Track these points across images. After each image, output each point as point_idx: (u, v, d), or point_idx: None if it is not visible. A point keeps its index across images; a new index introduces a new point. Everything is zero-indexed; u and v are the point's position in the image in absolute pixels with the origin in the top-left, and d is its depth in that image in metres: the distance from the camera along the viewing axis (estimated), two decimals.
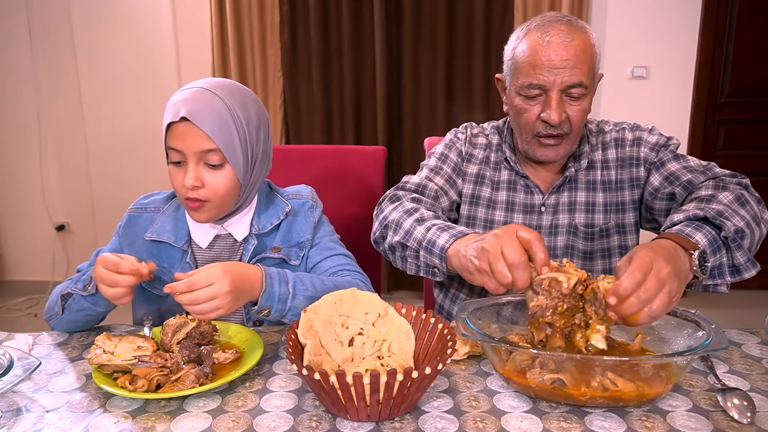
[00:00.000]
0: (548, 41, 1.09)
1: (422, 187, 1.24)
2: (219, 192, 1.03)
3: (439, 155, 1.32)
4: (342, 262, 1.14)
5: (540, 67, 1.09)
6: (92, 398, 0.83)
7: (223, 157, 1.01)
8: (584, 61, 1.10)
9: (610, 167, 1.24)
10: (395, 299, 0.98)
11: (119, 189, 3.34)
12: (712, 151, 3.19)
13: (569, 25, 1.11)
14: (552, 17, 1.13)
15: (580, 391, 0.76)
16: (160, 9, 3.18)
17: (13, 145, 3.40)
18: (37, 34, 3.25)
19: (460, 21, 3.06)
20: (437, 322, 0.86)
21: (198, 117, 0.98)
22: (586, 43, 1.11)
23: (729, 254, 0.97)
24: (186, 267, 1.11)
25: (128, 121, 3.31)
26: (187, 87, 1.03)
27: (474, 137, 1.33)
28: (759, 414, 0.76)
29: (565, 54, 1.08)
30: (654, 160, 1.21)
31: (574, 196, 1.24)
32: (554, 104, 1.11)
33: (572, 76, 1.09)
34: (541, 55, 1.09)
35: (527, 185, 1.26)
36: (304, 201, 1.17)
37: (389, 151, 2.02)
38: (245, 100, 1.05)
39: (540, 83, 1.10)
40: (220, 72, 3.14)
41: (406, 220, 1.12)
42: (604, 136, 1.27)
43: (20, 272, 3.57)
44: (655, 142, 1.22)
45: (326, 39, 3.13)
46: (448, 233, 1.03)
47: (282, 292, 0.96)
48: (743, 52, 3.08)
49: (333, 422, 0.76)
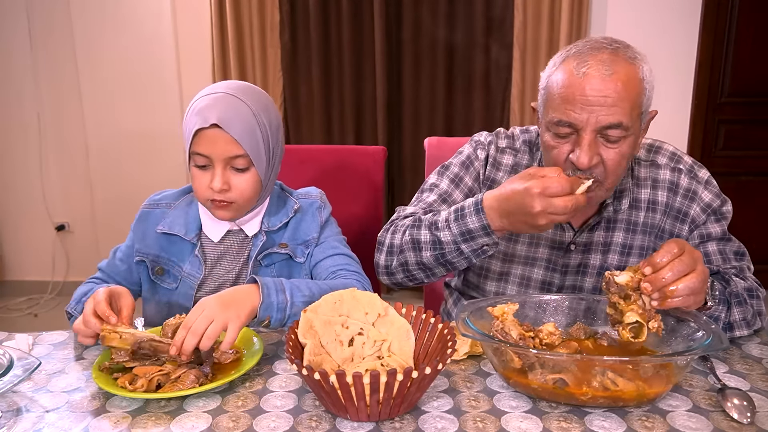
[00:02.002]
0: (584, 73, 0.94)
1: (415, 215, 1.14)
2: (245, 194, 1.07)
3: (453, 177, 1.18)
4: (342, 262, 1.15)
5: (572, 103, 0.95)
6: (92, 398, 0.83)
7: (250, 161, 1.05)
8: (627, 99, 0.94)
9: (657, 211, 1.12)
10: (395, 299, 0.98)
11: (119, 189, 3.34)
12: (712, 151, 3.18)
13: (614, 54, 0.95)
14: (595, 43, 0.98)
15: (582, 390, 0.76)
16: (160, 9, 3.17)
17: (13, 145, 3.40)
18: (37, 34, 3.25)
19: (460, 21, 3.05)
20: (437, 322, 0.87)
21: (228, 123, 1.01)
22: (631, 76, 0.95)
23: (728, 312, 0.99)
24: (194, 261, 1.14)
25: (128, 121, 3.31)
26: (211, 92, 1.05)
27: (500, 154, 1.18)
28: (759, 414, 0.76)
29: (603, 89, 0.93)
30: (701, 225, 1.10)
31: (610, 236, 1.13)
32: (585, 146, 0.96)
33: (609, 116, 0.94)
34: (575, 89, 0.95)
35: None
36: (312, 201, 1.20)
37: (389, 151, 2.02)
38: (267, 104, 1.08)
39: (571, 121, 0.96)
40: (220, 72, 3.13)
41: (421, 233, 1.04)
42: (657, 172, 1.12)
43: (20, 272, 3.56)
44: (708, 203, 1.10)
45: (326, 39, 3.13)
46: (470, 210, 0.98)
47: (280, 301, 0.97)
48: (743, 52, 3.08)
49: (333, 422, 0.76)
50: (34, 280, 3.52)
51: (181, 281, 1.14)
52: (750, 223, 1.14)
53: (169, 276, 1.15)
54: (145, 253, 1.16)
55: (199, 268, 1.14)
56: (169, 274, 1.15)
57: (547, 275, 1.17)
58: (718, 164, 3.20)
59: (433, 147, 1.52)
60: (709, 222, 1.11)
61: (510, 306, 0.88)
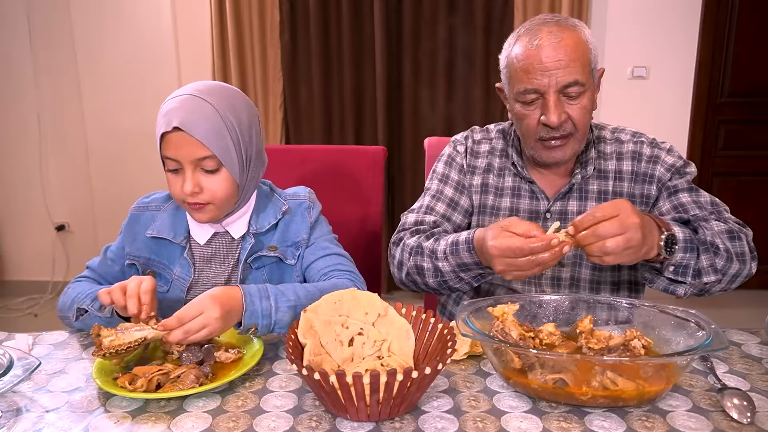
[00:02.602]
0: (537, 44, 1.08)
1: (419, 223, 1.24)
2: (218, 195, 1.05)
3: (440, 177, 1.30)
4: (334, 261, 1.14)
5: (533, 72, 1.08)
6: (92, 398, 0.83)
7: (219, 162, 1.03)
8: (577, 59, 1.08)
9: (624, 179, 1.22)
10: (395, 299, 0.98)
11: (119, 189, 3.34)
12: (712, 151, 3.18)
13: (558, 25, 1.10)
14: (540, 20, 1.12)
15: (582, 390, 0.76)
16: (160, 9, 3.18)
17: (13, 145, 3.40)
18: (37, 34, 3.25)
19: (460, 21, 3.06)
20: (437, 322, 0.87)
21: (190, 125, 0.99)
22: (577, 40, 1.09)
23: (697, 259, 1.03)
24: (184, 263, 1.13)
25: (128, 121, 3.31)
26: (176, 95, 1.04)
27: (476, 145, 1.31)
28: (759, 414, 0.76)
29: (556, 54, 1.07)
30: (667, 182, 1.19)
31: (583, 205, 1.22)
32: (552, 106, 1.09)
33: (566, 76, 1.07)
34: (532, 59, 1.08)
35: (532, 191, 1.24)
36: (301, 201, 1.18)
37: (389, 151, 2.02)
38: (234, 102, 1.06)
39: (535, 87, 1.09)
40: (220, 72, 3.14)
41: (423, 261, 1.14)
42: (621, 145, 1.24)
43: (20, 272, 3.57)
44: (672, 164, 1.19)
45: (326, 39, 3.13)
46: (463, 242, 1.08)
47: (264, 308, 0.95)
48: (743, 52, 3.08)
49: (333, 422, 0.76)
50: (34, 280, 3.52)
51: (172, 284, 1.14)
52: (750, 223, 1.14)
53: (161, 279, 1.14)
54: (135, 257, 1.16)
55: (189, 271, 1.13)
56: (161, 276, 1.14)
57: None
58: (718, 164, 3.21)
59: (433, 147, 1.52)
60: (674, 178, 1.19)
61: (510, 306, 0.88)
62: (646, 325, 0.90)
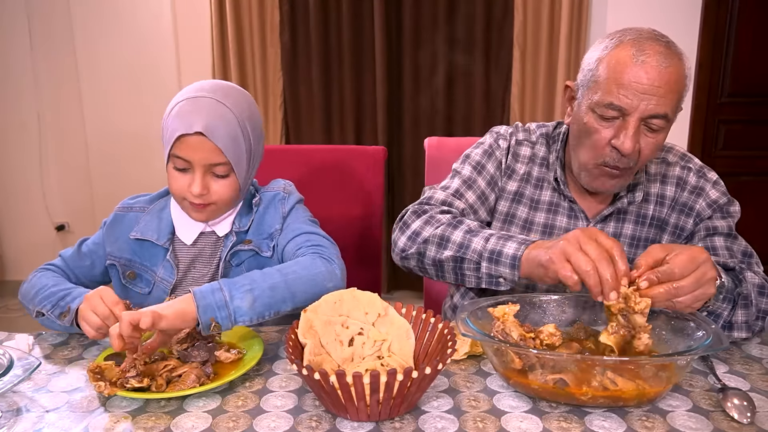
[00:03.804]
0: (643, 61, 0.96)
1: (448, 204, 1.15)
2: (224, 198, 1.07)
3: (475, 164, 1.19)
4: (303, 240, 1.08)
5: (626, 88, 0.96)
6: (92, 398, 0.83)
7: (231, 168, 1.05)
8: (675, 92, 0.97)
9: (665, 205, 1.15)
10: (395, 299, 0.98)
11: (119, 189, 3.32)
12: (712, 151, 3.18)
13: (668, 48, 0.98)
14: (650, 34, 0.99)
15: (582, 390, 0.76)
16: (160, 9, 3.17)
17: (13, 145, 3.40)
18: (37, 34, 3.25)
19: (460, 21, 3.05)
20: (437, 322, 0.87)
21: (213, 132, 1.00)
22: (681, 73, 0.98)
23: (732, 311, 0.98)
24: (167, 265, 1.13)
25: (128, 121, 3.31)
26: (193, 95, 1.03)
27: (518, 146, 1.21)
28: (759, 414, 0.76)
29: (658, 79, 0.95)
30: (706, 220, 1.12)
31: (621, 227, 1.15)
32: (631, 132, 0.98)
33: (658, 106, 0.96)
34: (631, 75, 0.96)
35: (571, 209, 1.16)
36: (275, 193, 1.17)
37: (389, 151, 2.02)
38: (250, 108, 1.07)
39: (622, 105, 0.97)
40: (220, 72, 3.13)
41: (453, 233, 1.04)
42: (668, 168, 1.16)
43: (20, 272, 3.56)
44: (715, 200, 1.12)
45: (326, 39, 3.13)
46: (514, 241, 0.98)
47: (218, 299, 0.90)
48: (743, 52, 3.07)
49: (333, 422, 0.76)
50: None
51: (155, 286, 1.13)
52: (750, 223, 1.14)
53: (142, 280, 1.14)
54: (116, 257, 1.15)
55: (172, 273, 1.12)
56: (142, 278, 1.14)
57: None
58: (718, 164, 3.19)
59: (433, 147, 1.52)
60: (715, 217, 1.12)
61: (511, 307, 0.88)
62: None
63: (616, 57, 0.99)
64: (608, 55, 1.00)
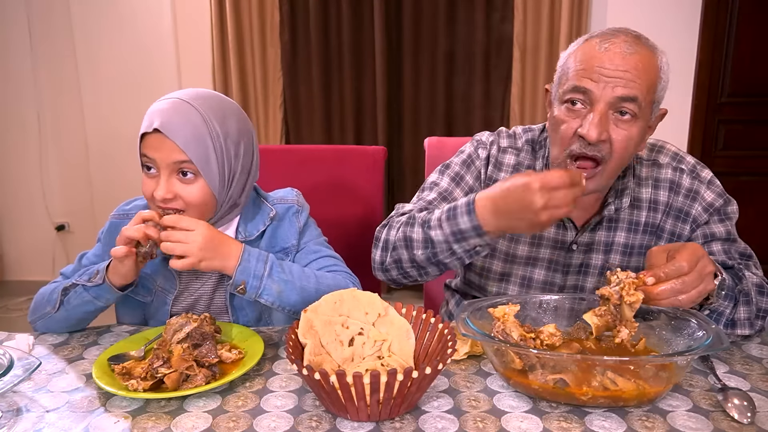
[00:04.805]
0: (606, 48, 0.95)
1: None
2: (194, 203, 1.01)
3: (454, 175, 1.16)
4: (329, 263, 1.12)
5: (591, 72, 0.95)
6: (92, 398, 0.83)
7: (197, 170, 1.00)
8: (644, 78, 0.95)
9: (658, 210, 1.11)
10: (395, 299, 0.98)
11: (119, 189, 3.33)
12: (712, 151, 3.18)
13: (636, 39, 0.97)
14: (620, 28, 0.99)
15: (582, 390, 0.76)
16: (160, 9, 3.17)
17: (13, 145, 3.40)
18: (37, 34, 3.25)
19: (460, 21, 3.06)
20: (437, 322, 0.87)
21: (171, 129, 0.97)
22: (651, 61, 0.96)
23: (734, 309, 0.98)
24: (168, 274, 1.10)
25: (128, 121, 3.29)
26: (166, 97, 1.03)
27: (501, 154, 1.17)
28: (759, 414, 0.76)
29: (623, 65, 0.94)
30: (703, 225, 1.09)
31: (612, 236, 1.12)
32: (597, 118, 0.95)
33: (625, 89, 0.94)
34: (595, 61, 0.95)
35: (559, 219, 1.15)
36: (289, 206, 1.15)
37: (389, 152, 2.02)
38: (226, 113, 1.03)
39: (586, 87, 0.96)
40: (220, 72, 3.14)
41: (413, 230, 1.02)
42: (659, 171, 1.12)
43: (20, 272, 3.57)
44: (711, 202, 1.09)
45: (326, 39, 3.13)
46: (463, 206, 0.95)
47: (258, 269, 0.96)
48: (743, 52, 3.07)
49: (333, 422, 0.76)
50: (34, 280, 3.52)
51: (156, 295, 1.11)
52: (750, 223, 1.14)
53: (143, 289, 1.11)
54: None
55: (173, 283, 1.11)
56: (143, 286, 1.11)
57: (549, 275, 1.16)
58: (718, 164, 3.20)
59: (433, 147, 1.52)
60: (712, 222, 1.10)
61: (511, 307, 0.88)
62: (646, 325, 0.90)
63: (582, 49, 1.00)
64: (576, 50, 1.01)
